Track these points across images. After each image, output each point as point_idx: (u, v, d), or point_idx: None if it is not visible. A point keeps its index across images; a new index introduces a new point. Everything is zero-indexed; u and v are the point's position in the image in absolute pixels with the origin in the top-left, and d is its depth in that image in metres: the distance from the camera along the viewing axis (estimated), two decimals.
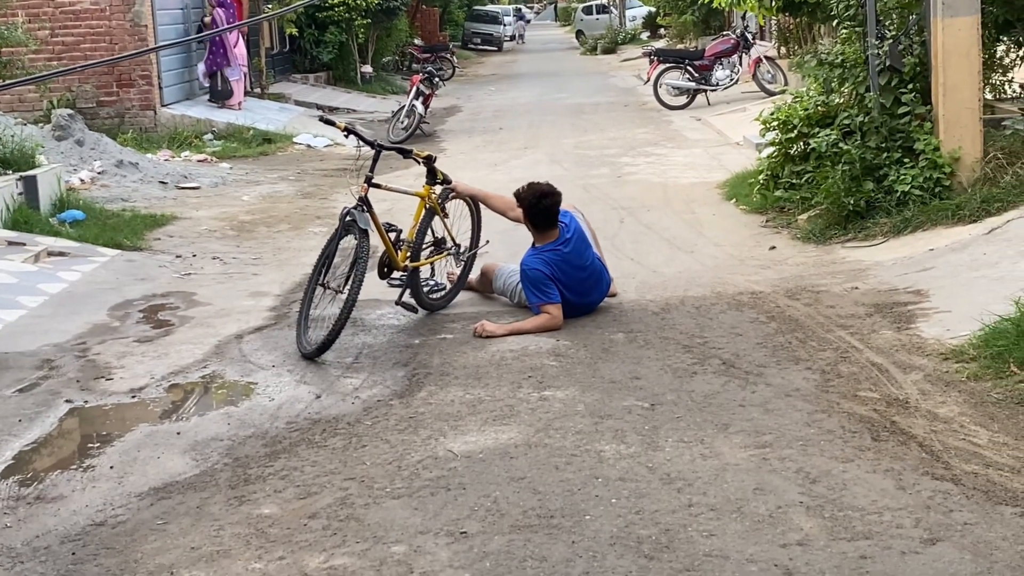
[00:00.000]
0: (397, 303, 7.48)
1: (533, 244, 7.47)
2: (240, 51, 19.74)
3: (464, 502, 4.65)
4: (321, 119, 8.02)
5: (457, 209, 8.07)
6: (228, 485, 5.01)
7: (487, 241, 8.17)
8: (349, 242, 7.18)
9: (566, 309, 7.25)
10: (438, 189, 7.77)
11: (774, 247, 9.18)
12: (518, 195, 7.42)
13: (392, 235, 7.45)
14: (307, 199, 13.26)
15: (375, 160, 7.39)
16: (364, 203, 7.19)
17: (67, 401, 6.26)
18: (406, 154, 7.67)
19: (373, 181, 7.35)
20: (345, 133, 7.52)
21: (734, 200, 11.30)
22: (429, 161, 7.70)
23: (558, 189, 7.43)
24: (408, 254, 7.48)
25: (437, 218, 7.72)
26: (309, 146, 18.02)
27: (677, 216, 10.94)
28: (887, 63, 9.28)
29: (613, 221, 10.69)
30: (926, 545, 4.04)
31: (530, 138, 17.57)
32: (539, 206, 7.33)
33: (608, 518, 4.41)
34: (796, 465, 4.81)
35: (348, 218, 7.13)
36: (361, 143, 7.49)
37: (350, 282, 6.95)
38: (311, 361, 6.77)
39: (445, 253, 7.88)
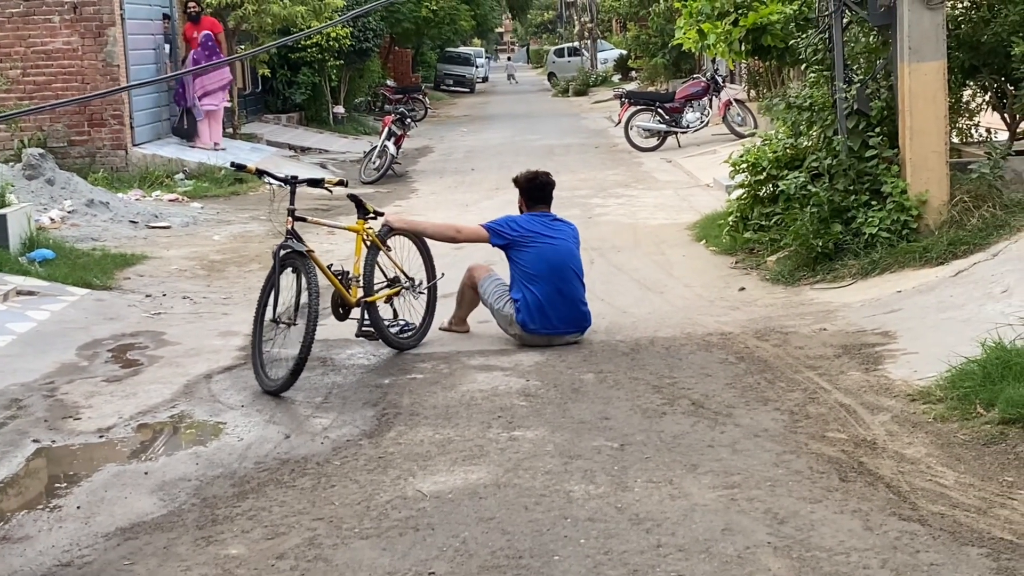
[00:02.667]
0: (357, 335, 7.56)
1: None
2: (219, 94, 19.79)
3: (433, 542, 4.64)
4: (232, 164, 8.18)
5: (402, 244, 8.09)
6: (196, 525, 4.98)
7: (443, 274, 8.17)
8: (289, 276, 7.16)
9: (541, 306, 7.65)
10: (376, 224, 7.80)
11: (743, 288, 9.24)
12: (515, 179, 8.11)
13: (339, 277, 7.46)
14: (278, 238, 13.18)
15: (292, 192, 7.43)
16: (293, 235, 7.19)
17: (34, 440, 6.21)
18: (318, 184, 7.72)
19: (297, 214, 7.36)
20: (257, 175, 7.76)
21: (704, 241, 11.37)
22: (354, 197, 7.83)
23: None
24: (359, 289, 7.49)
25: (382, 255, 7.74)
26: (281, 186, 17.98)
27: (647, 257, 11.00)
28: (855, 107, 9.38)
29: (584, 262, 10.69)
30: None
31: (502, 179, 17.62)
32: (535, 180, 8.06)
33: (577, 558, 4.41)
34: (764, 506, 4.82)
35: (283, 251, 7.11)
36: (273, 182, 7.61)
37: (307, 315, 6.91)
38: (280, 400, 6.76)
39: (399, 288, 7.88)
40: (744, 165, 10.40)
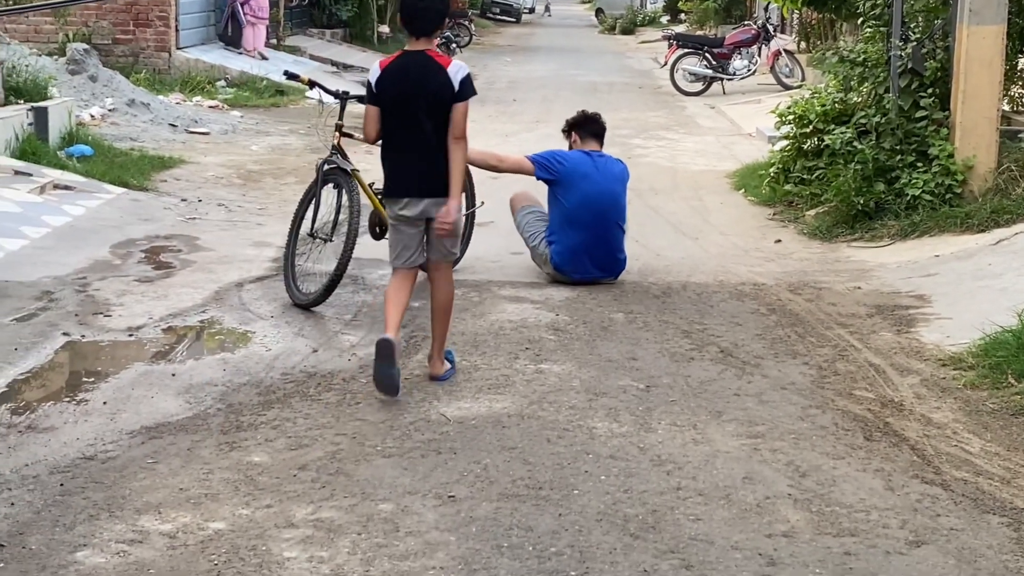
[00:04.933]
0: None
1: None
2: (258, 2, 19.66)
3: (454, 466, 4.66)
4: (285, 73, 8.08)
5: None
6: (220, 430, 5.02)
7: (482, 203, 8.11)
8: (330, 192, 7.13)
9: (578, 252, 7.55)
10: None
11: (779, 240, 9.17)
12: (569, 119, 8.01)
13: (380, 198, 7.40)
14: (316, 154, 13.13)
15: (342, 108, 7.35)
16: (338, 151, 7.14)
17: (64, 334, 6.26)
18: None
19: (344, 130, 7.29)
20: (309, 85, 7.64)
21: (743, 191, 11.28)
22: None
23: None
24: None
25: None
26: (321, 101, 17.89)
27: (684, 202, 10.92)
28: (909, 65, 9.24)
29: None
30: (911, 547, 4.05)
31: (543, 112, 17.52)
32: (588, 116, 7.98)
33: (596, 494, 4.42)
34: (787, 458, 4.82)
35: (327, 167, 7.06)
36: (325, 95, 7.49)
37: (346, 232, 6.88)
38: (310, 314, 6.77)
39: None
40: (791, 116, 10.27)
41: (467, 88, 5.57)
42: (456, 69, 5.59)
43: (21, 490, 4.36)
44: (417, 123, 5.57)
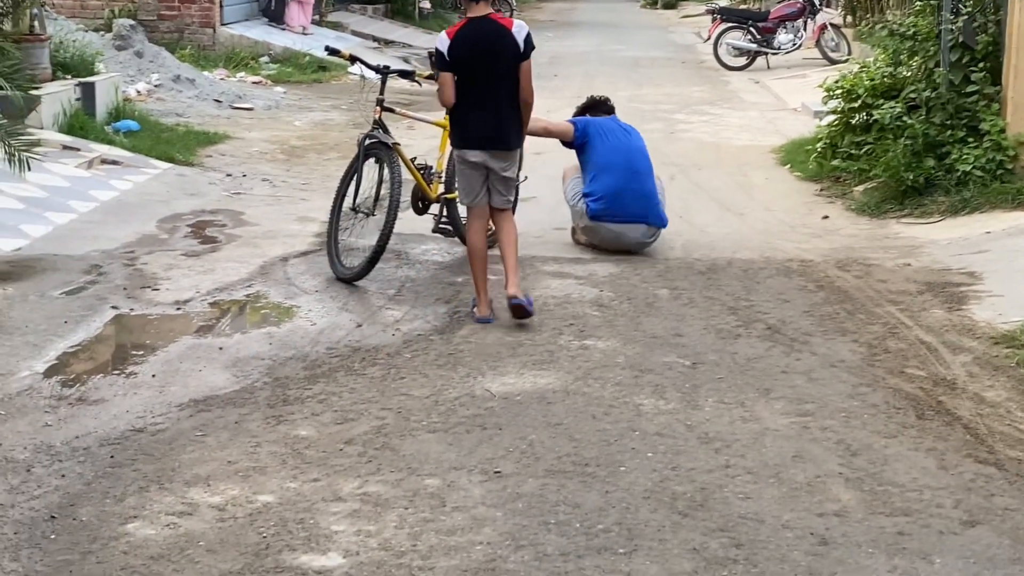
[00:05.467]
0: (434, 231, 7.55)
1: None
2: None
3: (500, 442, 4.65)
4: (327, 49, 8.10)
5: None
6: (267, 404, 5.03)
7: (525, 177, 8.06)
8: (372, 167, 7.12)
9: (613, 194, 7.63)
10: None
11: (827, 216, 9.07)
12: (580, 106, 8.24)
13: (421, 172, 7.39)
14: (358, 129, 13.10)
15: (383, 83, 7.36)
16: (379, 126, 7.14)
17: (113, 307, 6.29)
18: (409, 76, 7.65)
19: (386, 104, 7.29)
20: (350, 61, 7.73)
21: (788, 166, 11.16)
22: None
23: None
24: (440, 186, 7.43)
25: None
26: (363, 77, 17.89)
27: (729, 177, 10.83)
28: (960, 39, 9.09)
29: (663, 178, 10.54)
30: (965, 527, 4.00)
31: (585, 87, 17.39)
32: (596, 100, 8.23)
33: (643, 471, 4.40)
34: (837, 436, 4.77)
35: (369, 141, 7.06)
36: (367, 70, 7.48)
37: (388, 205, 6.87)
38: (353, 289, 6.77)
39: None
40: (839, 91, 10.14)
41: (529, 45, 6.26)
42: (518, 28, 6.26)
43: (71, 462, 4.39)
44: (489, 82, 6.23)
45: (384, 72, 7.39)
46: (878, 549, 3.83)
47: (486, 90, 6.23)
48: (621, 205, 7.62)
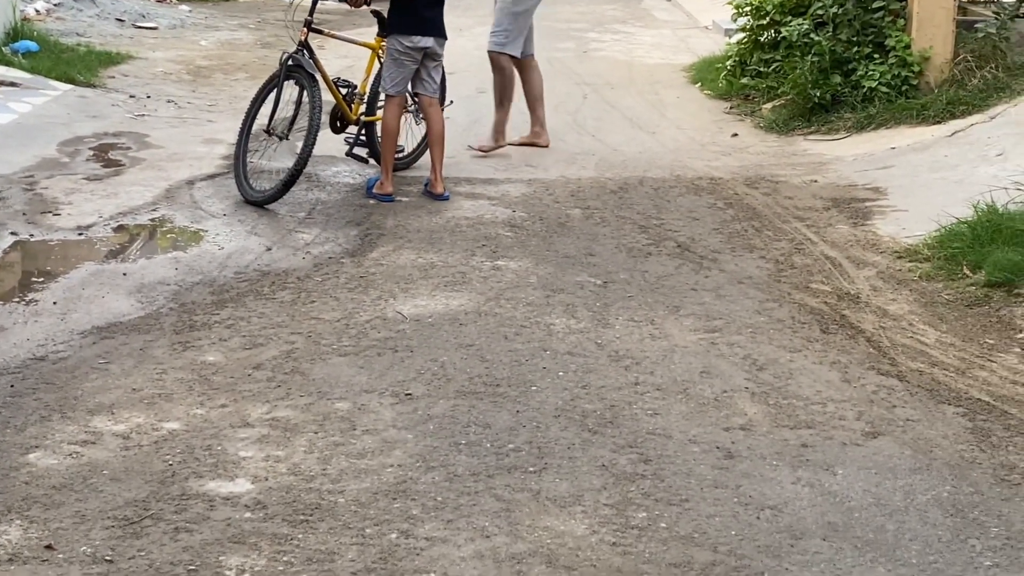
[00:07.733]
0: (347, 154, 7.38)
1: None
2: None
3: (411, 364, 4.63)
4: None
5: None
6: (173, 330, 4.95)
7: (451, 101, 7.99)
8: (292, 89, 6.99)
9: None
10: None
11: (736, 134, 9.12)
12: None
13: (343, 90, 7.28)
14: (267, 49, 12.93)
15: (314, 2, 7.20)
16: (305, 47, 7.00)
17: (12, 233, 6.13)
18: None
19: (314, 26, 7.15)
20: None
21: (699, 84, 11.18)
22: (377, 12, 7.47)
23: None
24: (362, 108, 7.33)
25: None
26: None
27: (641, 96, 10.81)
28: None
29: (576, 97, 10.55)
30: (867, 438, 4.08)
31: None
32: None
33: (554, 390, 4.42)
34: (744, 351, 4.83)
35: (291, 63, 6.93)
36: None
37: (307, 129, 6.76)
38: (263, 212, 6.67)
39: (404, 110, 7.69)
40: (747, 8, 10.15)
41: None
42: None
43: None
44: None
45: None
46: (782, 461, 3.89)
47: None
48: None
